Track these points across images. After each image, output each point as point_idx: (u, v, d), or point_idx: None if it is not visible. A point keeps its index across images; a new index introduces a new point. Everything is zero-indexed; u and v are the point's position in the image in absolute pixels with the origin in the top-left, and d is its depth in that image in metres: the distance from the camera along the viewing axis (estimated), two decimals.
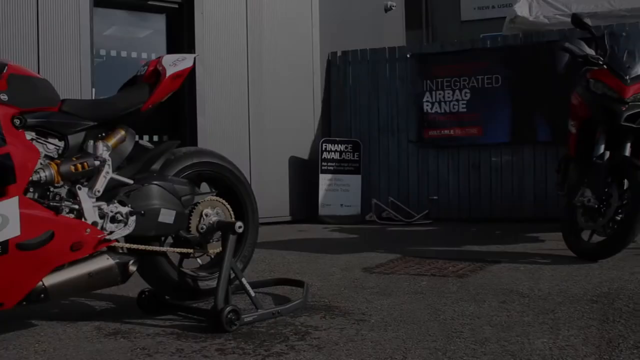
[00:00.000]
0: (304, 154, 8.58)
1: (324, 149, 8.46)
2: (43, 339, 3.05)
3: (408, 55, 8.50)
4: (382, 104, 8.64)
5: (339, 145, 8.53)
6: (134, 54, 7.70)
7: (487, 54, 8.09)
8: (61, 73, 6.65)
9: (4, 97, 2.78)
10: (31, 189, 2.87)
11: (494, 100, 7.96)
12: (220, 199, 3.56)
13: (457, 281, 4.09)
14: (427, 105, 8.32)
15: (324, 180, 8.44)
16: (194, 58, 3.52)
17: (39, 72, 3.03)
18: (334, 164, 8.45)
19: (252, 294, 3.29)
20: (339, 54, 8.90)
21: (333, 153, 8.46)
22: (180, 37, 7.84)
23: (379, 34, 10.30)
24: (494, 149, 8.02)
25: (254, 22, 8.10)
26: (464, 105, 8.13)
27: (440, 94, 8.26)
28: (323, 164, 8.45)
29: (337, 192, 8.40)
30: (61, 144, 3.05)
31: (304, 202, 8.49)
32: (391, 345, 2.77)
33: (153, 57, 7.27)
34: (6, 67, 2.81)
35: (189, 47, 7.61)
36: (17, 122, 2.82)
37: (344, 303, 3.58)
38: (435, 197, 8.20)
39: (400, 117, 8.54)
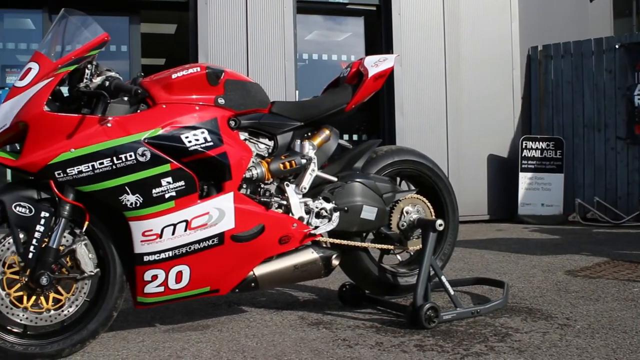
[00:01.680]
0: (503, 151, 8.37)
1: (524, 146, 8.20)
2: (252, 324, 3.25)
3: (617, 46, 8.00)
4: (587, 99, 8.20)
5: (540, 142, 8.22)
6: (334, 57, 7.96)
7: None
8: (268, 77, 7.05)
9: (221, 101, 3.00)
10: (244, 186, 3.08)
11: None
12: (421, 197, 3.58)
13: None
14: (639, 99, 7.77)
15: (523, 178, 8.18)
16: (395, 58, 3.56)
17: (248, 76, 3.27)
18: (534, 162, 8.16)
19: (452, 292, 3.27)
20: (539, 48, 8.57)
21: (534, 151, 8.17)
22: (378, 38, 7.98)
23: (583, 25, 9.77)
24: None
25: (451, 19, 8.04)
26: None
27: None
28: (523, 162, 8.20)
29: (537, 191, 8.11)
30: (271, 143, 3.23)
31: (502, 201, 8.29)
32: (599, 354, 2.62)
33: (352, 59, 7.50)
34: (223, 74, 3.02)
35: (387, 48, 7.73)
36: (232, 123, 3.04)
37: (547, 306, 3.46)
38: None
39: (607, 112, 8.05)
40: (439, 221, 3.31)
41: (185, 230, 2.82)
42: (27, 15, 7.44)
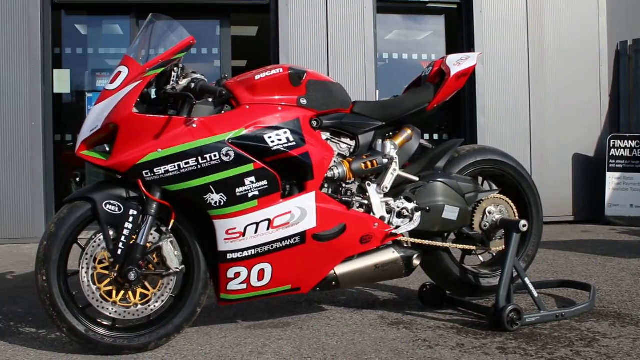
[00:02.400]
0: (589, 150, 8.11)
1: (612, 145, 7.92)
2: (332, 322, 3.27)
3: None
4: None
5: (630, 141, 7.91)
6: (414, 56, 7.90)
7: None
8: (348, 77, 7.07)
9: (304, 101, 3.03)
10: (326, 185, 3.10)
11: None
12: (504, 197, 3.51)
13: None
14: None
15: (611, 179, 7.91)
16: (477, 56, 3.51)
17: (329, 77, 3.30)
18: (623, 161, 7.87)
19: (535, 294, 3.20)
20: (629, 42, 8.25)
21: (622, 150, 7.88)
22: (459, 36, 7.87)
23: None
24: None
25: (535, 16, 7.84)
26: None
27: None
28: (611, 161, 7.92)
29: (626, 192, 7.82)
30: (352, 143, 3.24)
31: (588, 202, 8.03)
32: None
33: (433, 58, 7.43)
34: (305, 74, 3.04)
35: (468, 46, 7.62)
36: (314, 123, 3.06)
37: (637, 311, 3.33)
38: None
39: None
40: (523, 222, 3.24)
41: (268, 229, 2.87)
42: (116, 21, 7.72)
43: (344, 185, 3.15)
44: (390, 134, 3.34)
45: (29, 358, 2.83)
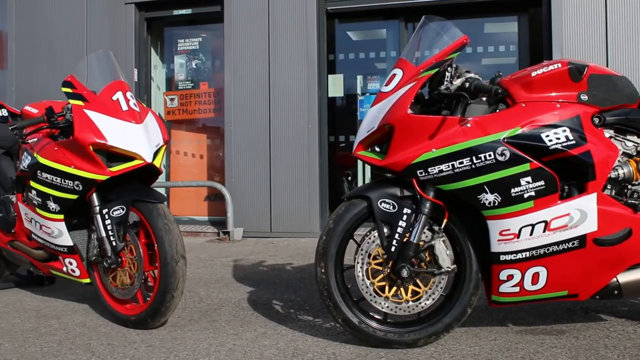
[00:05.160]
0: None
1: None
2: (612, 334, 3.07)
3: None
4: None
5: None
6: None
7: None
8: (631, 69, 6.53)
9: (585, 97, 2.85)
10: (609, 186, 2.89)
11: None
12: None
13: None
14: None
15: None
16: None
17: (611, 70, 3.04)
18: None
19: None
20: None
21: None
22: None
23: None
24: None
25: None
26: None
27: None
28: None
29: None
30: (639, 141, 3.00)
31: None
32: None
33: None
34: (587, 68, 2.87)
35: None
36: (596, 120, 2.87)
37: None
38: None
39: None
40: None
41: (544, 231, 2.76)
42: (385, 25, 7.97)
43: (629, 186, 2.91)
44: None
45: (306, 344, 3.03)
